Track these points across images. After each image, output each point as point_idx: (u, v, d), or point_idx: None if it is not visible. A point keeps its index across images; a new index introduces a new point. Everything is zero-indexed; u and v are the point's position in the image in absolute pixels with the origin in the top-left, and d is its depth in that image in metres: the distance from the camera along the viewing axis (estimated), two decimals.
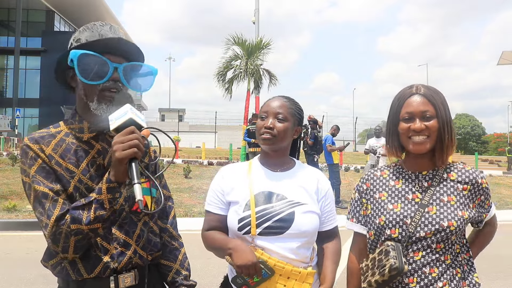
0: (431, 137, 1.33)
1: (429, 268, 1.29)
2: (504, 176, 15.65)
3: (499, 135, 56.38)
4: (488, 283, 4.17)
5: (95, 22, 1.28)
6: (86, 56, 1.17)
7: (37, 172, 1.15)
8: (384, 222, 1.35)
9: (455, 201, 1.33)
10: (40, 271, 4.38)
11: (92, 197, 1.12)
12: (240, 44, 19.27)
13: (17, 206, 7.27)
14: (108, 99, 1.21)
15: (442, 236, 1.28)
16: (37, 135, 1.21)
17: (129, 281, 1.22)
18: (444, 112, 1.35)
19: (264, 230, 1.45)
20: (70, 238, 1.10)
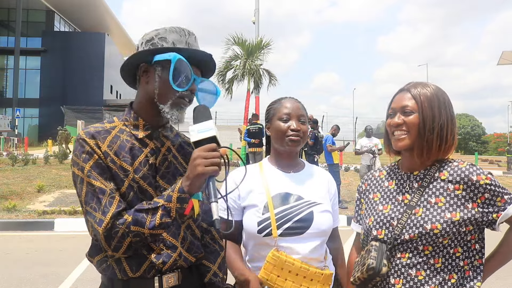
0: (410, 133, 1.29)
1: (415, 271, 1.25)
2: (504, 176, 15.64)
3: (499, 135, 56.35)
4: (488, 283, 4.15)
5: (183, 27, 1.28)
6: (181, 62, 1.19)
7: (93, 168, 1.15)
8: (372, 222, 1.34)
9: (443, 202, 1.26)
10: (40, 271, 4.40)
11: (159, 203, 1.11)
12: (240, 44, 19.26)
13: (17, 206, 7.27)
14: (181, 106, 1.23)
15: (427, 239, 1.23)
16: (92, 130, 1.20)
17: (172, 282, 1.23)
18: (430, 108, 1.28)
19: (284, 231, 1.47)
20: (126, 238, 1.10)
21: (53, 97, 29.78)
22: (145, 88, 1.25)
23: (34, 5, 31.04)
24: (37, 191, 8.55)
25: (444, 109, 1.31)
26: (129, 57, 1.25)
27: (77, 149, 1.18)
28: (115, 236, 1.10)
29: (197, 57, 1.25)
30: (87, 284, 4.04)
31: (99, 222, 1.11)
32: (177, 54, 1.18)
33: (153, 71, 1.22)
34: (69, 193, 8.58)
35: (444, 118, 1.30)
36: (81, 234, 6.26)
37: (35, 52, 31.37)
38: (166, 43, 1.22)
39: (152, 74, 1.23)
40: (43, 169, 11.21)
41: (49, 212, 7.06)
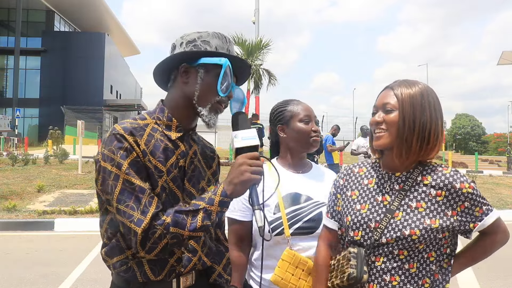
0: (390, 131, 1.24)
1: (389, 276, 1.21)
2: (504, 176, 15.64)
3: (499, 135, 56.35)
4: (488, 283, 4.17)
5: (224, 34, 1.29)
6: (229, 68, 1.21)
7: (131, 166, 1.11)
8: (349, 222, 1.29)
9: (424, 208, 1.22)
10: (40, 271, 4.40)
11: (201, 206, 1.10)
12: (240, 44, 19.28)
13: (17, 206, 7.26)
14: (217, 111, 1.25)
15: (404, 244, 1.20)
16: (129, 125, 1.16)
17: (188, 282, 1.24)
18: (411, 106, 1.23)
19: (295, 231, 1.51)
20: (163, 240, 1.07)
21: (53, 97, 29.79)
22: (182, 89, 1.23)
23: (34, 5, 31.04)
24: (37, 191, 8.55)
25: (428, 108, 1.25)
26: (169, 56, 1.24)
27: (112, 144, 1.12)
28: (151, 237, 1.06)
29: (238, 65, 1.27)
30: (87, 284, 4.04)
31: (138, 222, 1.06)
32: (227, 60, 1.20)
33: (195, 72, 1.21)
34: (69, 193, 8.59)
35: (427, 118, 1.23)
36: (81, 234, 6.27)
37: (35, 52, 31.38)
38: (209, 47, 1.22)
39: (194, 75, 1.22)
40: (43, 169, 11.21)
41: (49, 212, 7.06)
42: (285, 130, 1.66)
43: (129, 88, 45.56)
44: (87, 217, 6.86)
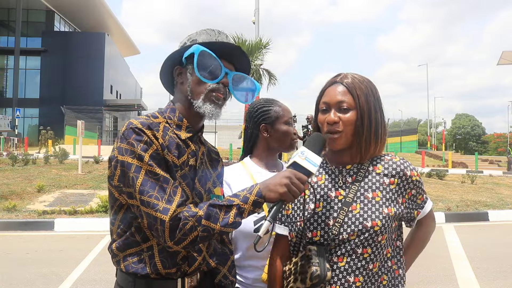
0: (345, 131, 1.20)
1: (353, 277, 1.17)
2: (504, 176, 15.64)
3: (499, 135, 56.36)
4: (488, 283, 4.17)
5: (213, 28, 1.30)
6: (205, 54, 1.20)
7: (151, 158, 1.12)
8: (305, 224, 1.23)
9: (380, 197, 1.20)
10: (40, 271, 4.41)
11: (235, 202, 1.11)
12: (240, 44, 19.28)
13: (17, 206, 7.27)
14: (213, 101, 1.23)
15: (367, 238, 1.16)
16: (145, 120, 1.18)
17: (192, 283, 1.24)
18: (366, 103, 1.21)
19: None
20: (194, 232, 1.07)
21: (53, 97, 29.79)
22: (180, 90, 1.27)
23: (34, 5, 31.04)
24: (37, 191, 8.55)
25: (377, 103, 1.24)
26: (163, 63, 1.28)
27: (131, 137, 1.13)
28: (182, 228, 1.06)
29: (226, 50, 1.25)
30: (87, 284, 4.04)
31: (164, 210, 1.06)
32: (200, 46, 1.19)
33: (186, 71, 1.25)
34: (69, 193, 8.59)
35: (378, 114, 1.23)
36: (81, 234, 6.27)
37: (35, 52, 31.38)
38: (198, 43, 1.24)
39: (185, 74, 1.25)
40: (43, 169, 11.21)
41: (49, 212, 7.06)
42: (269, 130, 1.67)
43: (129, 88, 45.56)
44: (87, 217, 6.86)
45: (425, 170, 14.55)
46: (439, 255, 5.16)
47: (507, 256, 5.18)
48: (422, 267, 4.64)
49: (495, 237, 6.47)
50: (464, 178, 12.56)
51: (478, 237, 6.52)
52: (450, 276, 4.37)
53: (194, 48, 1.19)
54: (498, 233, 6.77)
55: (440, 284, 4.15)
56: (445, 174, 13.67)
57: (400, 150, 27.61)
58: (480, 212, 8.02)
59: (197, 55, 1.19)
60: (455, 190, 10.66)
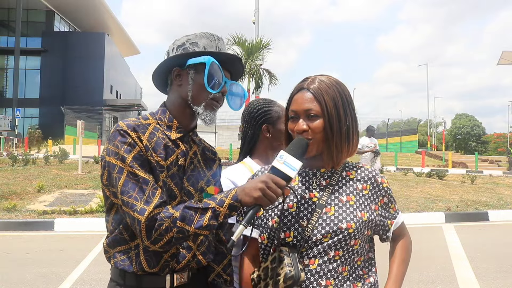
0: (315, 138, 1.20)
1: (325, 280, 1.15)
2: (504, 176, 15.64)
3: (499, 135, 56.36)
4: (488, 283, 4.17)
5: (212, 33, 1.32)
6: (214, 65, 1.24)
7: (134, 159, 1.15)
8: (278, 224, 1.21)
9: (354, 201, 1.21)
10: (40, 271, 4.41)
11: (210, 205, 1.12)
12: (240, 44, 19.30)
13: (17, 206, 7.26)
14: (213, 108, 1.28)
15: (340, 240, 1.16)
16: (132, 123, 1.22)
17: (182, 280, 1.25)
18: (335, 109, 1.19)
19: None
20: (169, 233, 1.10)
21: (53, 97, 29.80)
22: (178, 91, 1.29)
23: (34, 5, 31.04)
24: (37, 191, 8.55)
25: (348, 107, 1.23)
26: (162, 62, 1.29)
27: (116, 139, 1.18)
28: (158, 228, 1.09)
29: (227, 60, 1.29)
30: (87, 284, 4.04)
31: (141, 210, 1.10)
32: (211, 57, 1.23)
33: (186, 74, 1.26)
34: (69, 193, 8.59)
35: (349, 118, 1.23)
36: (81, 234, 6.27)
37: (35, 52, 31.38)
38: (197, 48, 1.27)
39: (186, 77, 1.27)
40: (43, 169, 11.21)
41: (49, 212, 7.06)
42: (271, 130, 1.67)
43: (129, 88, 45.56)
44: (87, 217, 6.86)
45: (425, 170, 14.54)
46: (439, 255, 5.16)
47: (507, 256, 5.18)
48: (422, 267, 4.64)
49: (495, 237, 6.47)
50: (464, 178, 12.56)
51: (478, 237, 6.52)
52: (450, 276, 4.37)
53: (206, 59, 1.23)
54: (498, 233, 6.77)
55: (440, 284, 4.15)
56: (445, 174, 13.67)
57: (400, 150, 27.60)
58: (480, 212, 8.02)
59: (209, 66, 1.22)
60: (455, 190, 10.66)
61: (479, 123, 66.78)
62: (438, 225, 7.24)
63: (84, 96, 30.13)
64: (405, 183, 11.44)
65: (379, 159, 8.86)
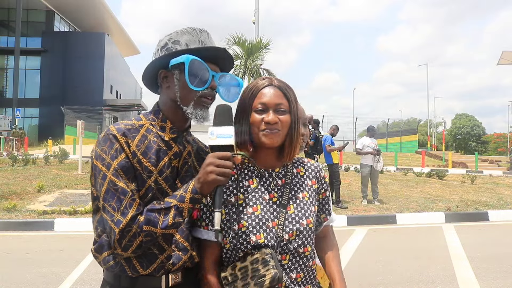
0: (282, 131, 1.26)
1: (295, 273, 1.25)
2: (504, 176, 15.64)
3: (499, 135, 56.33)
4: (488, 283, 4.17)
5: (193, 27, 1.30)
6: (195, 62, 1.20)
7: (119, 166, 1.15)
8: (246, 228, 1.22)
9: (307, 196, 1.31)
10: (40, 271, 4.40)
11: (172, 203, 1.13)
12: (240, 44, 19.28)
13: (17, 206, 7.26)
14: (204, 106, 1.25)
15: (305, 235, 1.25)
16: (123, 127, 1.21)
17: (177, 280, 1.25)
18: (296, 108, 1.30)
19: None
20: (137, 238, 1.11)
21: (53, 97, 29.79)
22: (167, 93, 1.28)
23: (34, 5, 31.04)
24: (37, 191, 8.55)
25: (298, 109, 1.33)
26: (147, 66, 1.28)
27: (105, 144, 1.17)
28: (126, 235, 1.11)
29: (212, 53, 1.25)
30: (87, 284, 4.04)
31: (117, 222, 1.11)
32: (190, 55, 1.20)
33: (172, 75, 1.25)
34: (69, 193, 8.59)
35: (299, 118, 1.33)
36: (81, 234, 6.27)
37: (35, 52, 31.37)
38: (179, 46, 1.24)
39: (172, 78, 1.25)
40: (43, 169, 11.21)
41: (49, 212, 7.06)
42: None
43: (129, 88, 45.54)
44: (87, 217, 6.86)
45: (425, 170, 14.54)
46: (439, 255, 5.16)
47: (507, 256, 5.18)
48: (422, 267, 4.65)
49: (495, 237, 6.46)
50: (464, 178, 12.56)
51: (478, 237, 6.52)
52: (450, 276, 4.37)
53: (184, 58, 1.19)
54: (498, 233, 6.77)
55: (440, 284, 4.15)
56: (445, 174, 13.67)
57: (400, 150, 27.60)
58: (480, 212, 8.02)
59: (188, 65, 1.19)
60: (455, 190, 10.66)
61: (479, 123, 66.75)
62: (438, 225, 7.24)
63: (84, 96, 30.12)
64: (405, 183, 11.45)
65: (382, 159, 8.85)
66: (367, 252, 5.33)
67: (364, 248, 5.53)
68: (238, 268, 1.21)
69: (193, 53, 1.21)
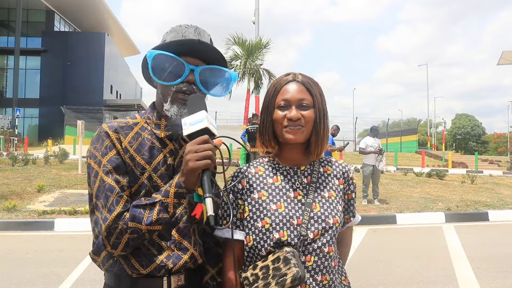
0: (306, 127, 1.23)
1: (321, 276, 1.20)
2: (504, 176, 15.64)
3: (499, 135, 56.33)
4: (488, 283, 4.17)
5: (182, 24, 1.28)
6: (161, 56, 1.17)
7: (109, 162, 1.14)
8: (270, 225, 1.20)
9: (334, 196, 1.28)
10: (40, 271, 4.40)
11: (157, 199, 1.12)
12: (240, 44, 19.31)
13: (17, 206, 7.26)
14: (180, 101, 1.20)
15: (330, 235, 1.21)
16: (116, 124, 1.21)
17: (180, 282, 1.23)
18: (321, 103, 1.27)
19: None
20: (124, 235, 1.10)
21: (53, 97, 29.78)
22: (157, 92, 1.29)
23: (34, 5, 31.02)
24: (37, 191, 8.55)
25: (325, 103, 1.31)
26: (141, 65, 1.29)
27: (98, 142, 1.17)
28: (113, 232, 1.10)
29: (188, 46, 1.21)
30: (87, 284, 4.04)
31: (104, 219, 1.11)
32: (155, 50, 1.19)
33: None
34: (69, 193, 8.59)
35: (328, 113, 1.31)
36: (81, 234, 6.26)
37: (35, 52, 31.35)
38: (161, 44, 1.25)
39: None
40: (43, 169, 11.21)
41: (49, 212, 7.06)
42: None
43: (129, 88, 45.53)
44: (87, 217, 6.85)
45: (425, 170, 14.54)
46: (439, 255, 5.16)
47: (507, 256, 5.18)
48: (422, 267, 4.65)
49: (495, 237, 6.46)
50: (464, 178, 12.56)
51: (478, 237, 6.52)
52: (450, 276, 4.37)
53: (147, 54, 1.19)
54: (498, 233, 6.77)
55: (440, 284, 4.15)
56: (445, 174, 13.68)
57: (400, 150, 27.59)
58: (480, 212, 8.01)
59: (151, 60, 1.18)
60: (455, 190, 10.66)
61: (479, 123, 66.75)
62: (438, 225, 7.24)
63: (84, 96, 30.11)
64: (405, 183, 11.44)
65: (384, 158, 8.85)
66: (367, 252, 5.33)
67: (364, 248, 5.53)
68: (259, 268, 1.18)
69: (165, 48, 1.19)
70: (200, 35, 1.26)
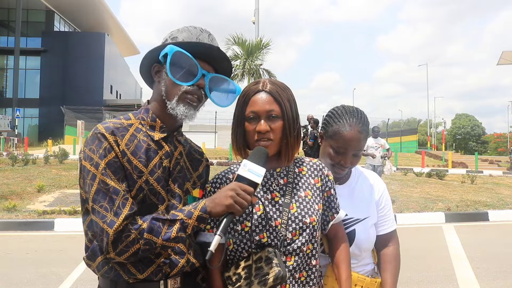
0: (275, 139, 1.25)
1: (299, 273, 1.23)
2: (504, 176, 15.64)
3: (499, 135, 56.33)
4: (488, 283, 4.17)
5: (196, 26, 1.27)
6: (180, 55, 1.16)
7: (108, 166, 1.11)
8: (249, 228, 1.22)
9: (311, 195, 1.29)
10: (40, 271, 4.40)
11: (178, 217, 1.11)
12: (240, 44, 19.31)
13: (17, 206, 7.26)
14: (187, 102, 1.20)
15: (308, 234, 1.23)
16: (112, 125, 1.17)
17: (176, 285, 1.22)
18: (290, 110, 1.27)
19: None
20: (136, 244, 1.08)
21: (53, 97, 29.79)
22: (157, 88, 1.25)
23: (34, 5, 31.03)
24: (37, 191, 8.55)
25: (296, 107, 1.31)
26: (142, 59, 1.26)
27: (94, 143, 1.14)
28: (125, 240, 1.07)
29: (204, 51, 1.22)
30: (87, 284, 4.04)
31: (110, 223, 1.07)
32: (175, 46, 1.16)
33: (163, 69, 1.22)
34: (69, 193, 8.59)
35: (298, 118, 1.31)
36: (81, 234, 6.23)
37: (35, 52, 31.37)
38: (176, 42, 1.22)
39: (162, 73, 1.23)
40: (43, 169, 11.21)
41: (49, 212, 7.06)
42: (323, 139, 1.55)
43: (129, 88, 45.53)
44: None
45: (425, 170, 14.54)
46: (439, 255, 5.16)
47: (507, 256, 5.18)
48: (422, 267, 4.64)
49: (495, 237, 6.46)
50: (464, 178, 12.56)
51: (478, 237, 6.52)
52: (450, 276, 4.37)
53: (168, 49, 1.16)
54: (498, 233, 6.77)
55: (440, 284, 4.15)
56: (445, 174, 13.67)
57: (400, 150, 27.59)
58: (480, 212, 8.01)
59: (171, 55, 1.16)
60: (455, 190, 10.66)
61: (479, 123, 66.74)
62: (438, 225, 7.23)
63: (84, 96, 30.11)
64: (405, 183, 11.44)
65: (388, 162, 8.83)
66: None
67: None
68: (241, 268, 1.21)
69: (183, 47, 1.17)
70: (213, 41, 1.27)
